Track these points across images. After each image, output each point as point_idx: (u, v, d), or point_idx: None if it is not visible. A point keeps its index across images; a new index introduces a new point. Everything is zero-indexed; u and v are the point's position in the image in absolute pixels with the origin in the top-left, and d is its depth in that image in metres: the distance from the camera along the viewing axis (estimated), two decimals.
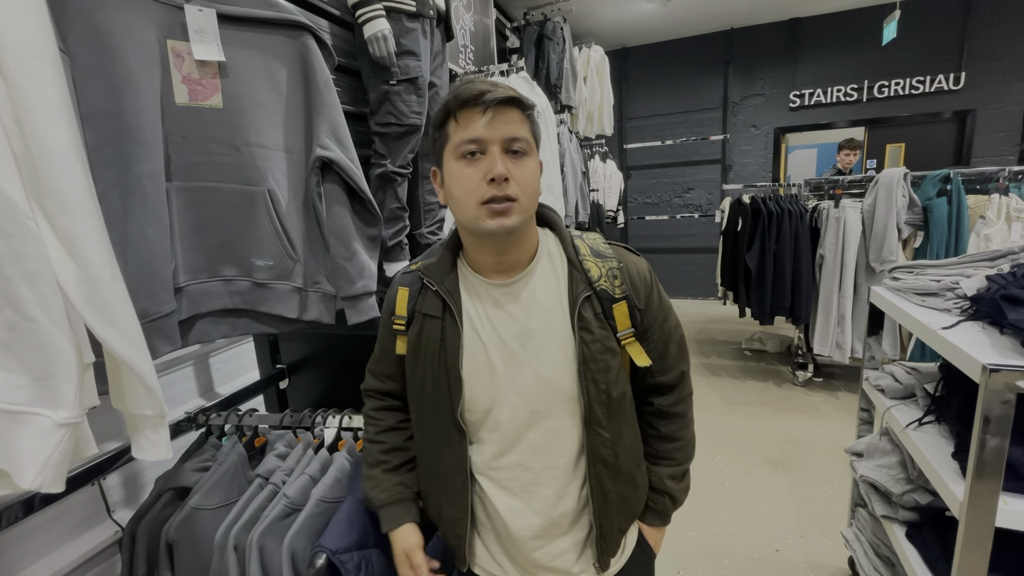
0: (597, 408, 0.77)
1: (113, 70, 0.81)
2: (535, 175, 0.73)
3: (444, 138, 0.73)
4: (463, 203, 0.71)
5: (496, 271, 0.78)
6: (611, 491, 0.80)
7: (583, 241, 0.82)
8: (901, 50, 4.84)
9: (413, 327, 0.81)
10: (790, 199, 3.35)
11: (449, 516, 0.83)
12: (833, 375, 3.62)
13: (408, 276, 0.84)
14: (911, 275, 1.43)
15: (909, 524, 1.33)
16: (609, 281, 0.78)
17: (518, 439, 0.78)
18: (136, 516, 1.01)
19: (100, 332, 0.58)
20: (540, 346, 0.76)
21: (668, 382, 0.87)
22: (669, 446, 0.90)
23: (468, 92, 0.68)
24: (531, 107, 0.73)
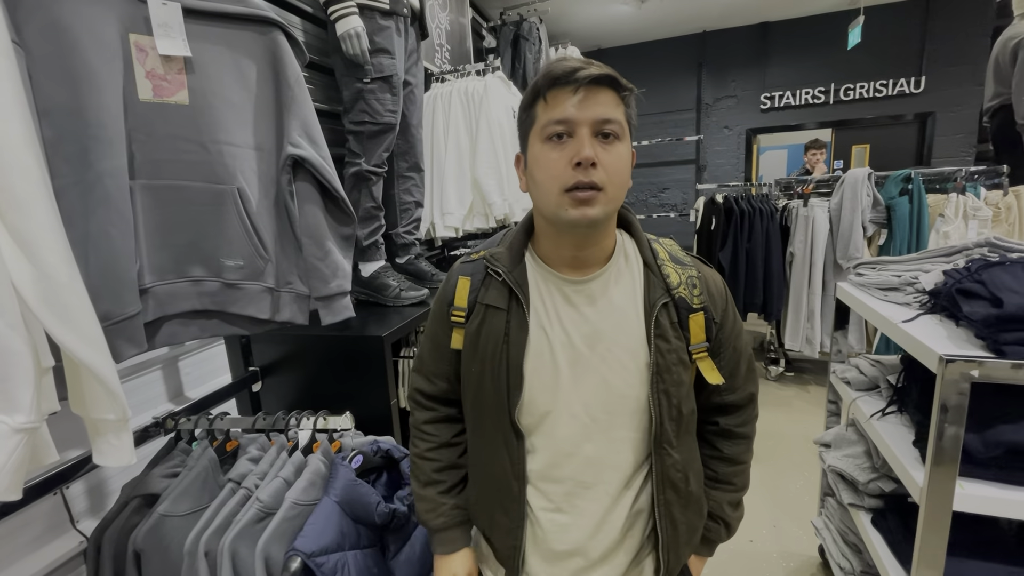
0: (668, 424, 0.71)
1: (72, 64, 0.78)
2: (626, 162, 0.67)
3: (531, 120, 0.68)
4: (545, 189, 0.66)
5: (570, 266, 0.74)
6: (681, 521, 0.74)
7: (661, 245, 0.78)
8: (865, 54, 5.01)
9: (473, 319, 0.75)
10: (761, 198, 3.43)
11: (504, 526, 0.76)
12: (804, 369, 3.72)
13: (470, 265, 0.78)
14: (874, 271, 1.49)
15: (874, 511, 1.38)
16: (688, 290, 0.73)
17: (574, 450, 0.72)
18: (101, 525, 0.97)
19: (57, 334, 0.56)
20: (610, 351, 0.71)
21: (736, 402, 0.82)
22: (731, 469, 0.84)
23: (560, 69, 0.63)
24: (628, 89, 0.67)
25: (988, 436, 0.98)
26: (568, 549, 0.74)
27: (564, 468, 0.73)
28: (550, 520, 0.74)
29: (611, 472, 0.73)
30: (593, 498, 0.73)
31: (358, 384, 1.40)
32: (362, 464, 1.04)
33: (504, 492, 0.75)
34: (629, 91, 0.67)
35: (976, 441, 0.99)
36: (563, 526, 0.74)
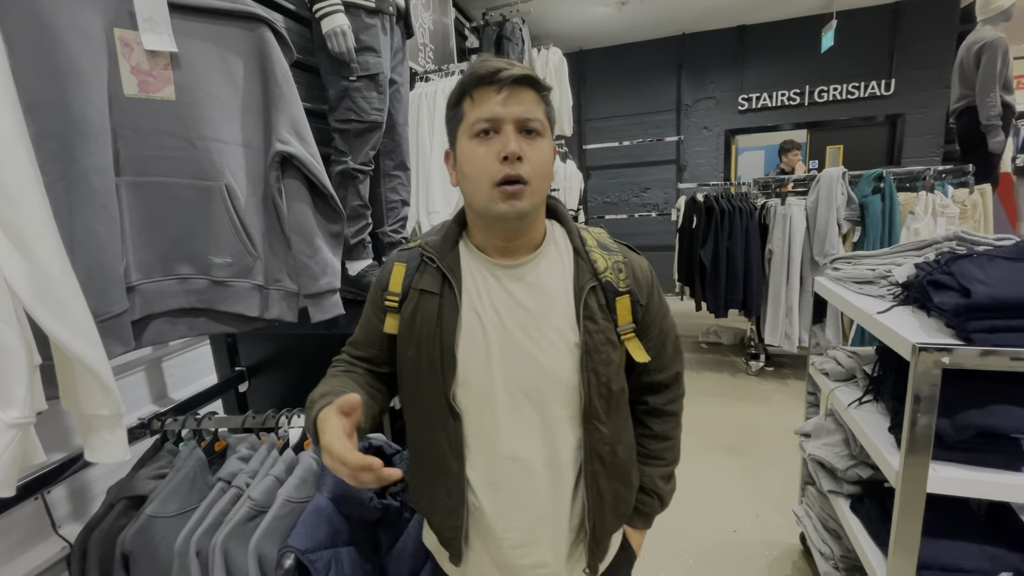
0: (597, 401, 0.75)
1: (55, 59, 0.77)
2: (549, 157, 0.72)
3: (459, 117, 0.71)
4: (476, 183, 0.69)
5: (502, 253, 0.77)
6: (607, 491, 0.78)
7: (589, 233, 0.82)
8: (838, 57, 5.15)
9: (407, 304, 0.77)
10: (740, 197, 3.51)
11: (445, 506, 0.78)
12: (783, 364, 3.81)
13: (406, 252, 0.81)
14: (849, 265, 1.54)
15: (852, 497, 1.43)
16: (614, 274, 0.78)
17: (509, 428, 0.75)
18: (87, 528, 0.96)
19: (51, 329, 0.55)
20: (540, 331, 0.74)
21: (664, 380, 0.87)
22: (661, 445, 0.89)
23: (484, 69, 0.67)
24: (547, 89, 0.72)
25: (958, 420, 1.03)
26: (509, 526, 0.77)
27: (500, 448, 0.75)
28: (490, 500, 0.77)
29: (546, 449, 0.76)
30: (531, 475, 0.76)
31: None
32: None
33: (444, 472, 0.77)
34: (548, 91, 0.72)
35: (947, 425, 1.03)
36: (502, 504, 0.76)
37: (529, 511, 0.76)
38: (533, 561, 0.78)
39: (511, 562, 0.78)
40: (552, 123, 0.74)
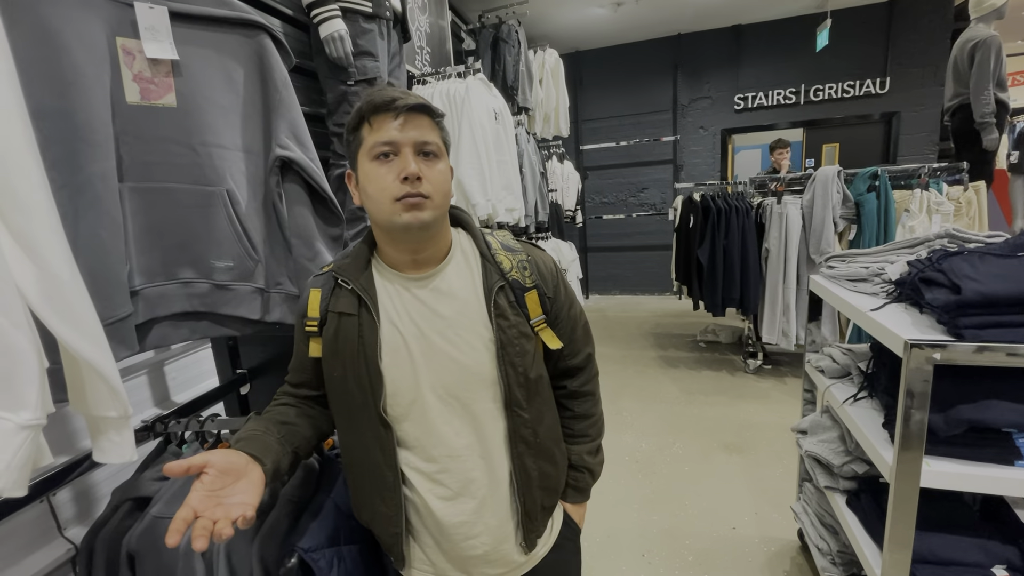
0: (517, 390, 0.81)
1: (60, 68, 0.79)
2: (446, 176, 0.77)
3: (358, 141, 0.75)
4: (378, 200, 0.73)
5: (411, 267, 0.81)
6: (532, 468, 0.84)
7: (494, 238, 0.88)
8: (833, 57, 5.19)
9: (328, 327, 0.81)
10: (737, 196, 3.53)
11: (383, 514, 0.83)
12: (780, 362, 3.83)
13: (320, 278, 0.85)
14: (844, 263, 1.55)
15: (849, 493, 1.44)
16: (520, 272, 0.83)
17: (444, 428, 0.80)
18: (92, 529, 0.97)
19: (60, 332, 0.56)
20: (458, 335, 0.79)
21: (577, 364, 0.93)
22: (583, 424, 0.96)
23: (381, 98, 0.72)
24: (440, 115, 0.78)
25: (951, 415, 1.05)
26: (456, 521, 0.81)
27: (437, 448, 0.80)
28: (436, 498, 0.81)
29: (479, 442, 0.81)
30: (468, 469, 0.81)
31: None
32: None
33: (380, 483, 0.82)
34: (441, 117, 0.79)
35: (940, 420, 1.05)
36: (448, 500, 0.81)
37: (474, 502, 0.82)
38: (484, 550, 0.83)
39: (465, 554, 0.83)
40: (447, 145, 0.80)
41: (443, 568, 0.86)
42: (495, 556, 0.85)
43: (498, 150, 2.50)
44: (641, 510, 2.22)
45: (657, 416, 3.12)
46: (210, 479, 0.63)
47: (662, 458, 2.64)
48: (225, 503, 0.63)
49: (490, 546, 0.83)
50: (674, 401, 3.32)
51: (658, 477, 2.47)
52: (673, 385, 3.57)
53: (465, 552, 0.83)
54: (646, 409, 3.23)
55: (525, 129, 3.48)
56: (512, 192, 2.65)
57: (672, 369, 3.87)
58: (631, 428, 2.98)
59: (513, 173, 2.71)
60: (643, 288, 6.49)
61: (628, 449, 2.74)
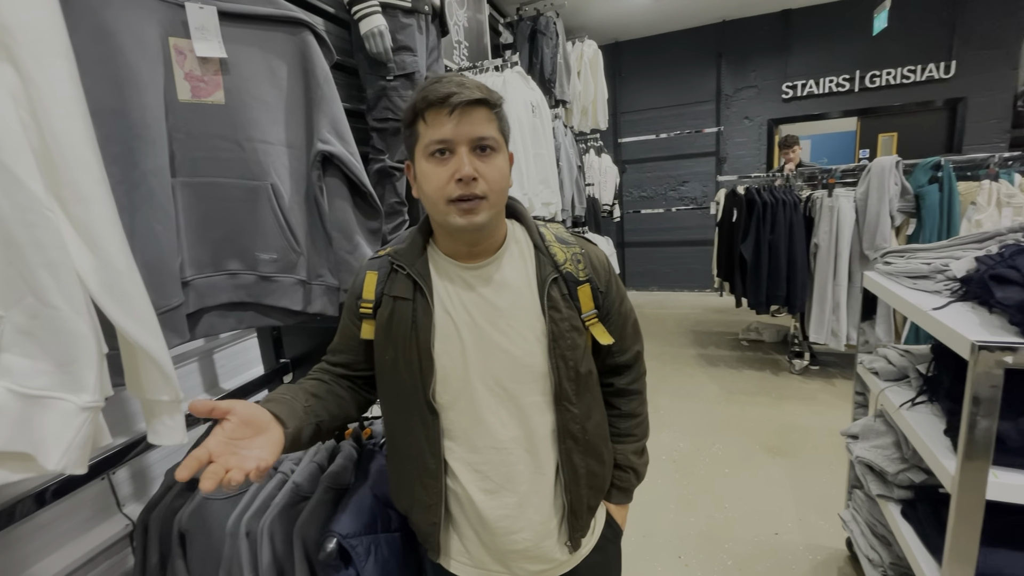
0: (567, 384, 0.80)
1: (116, 68, 0.82)
2: (504, 172, 0.76)
3: (414, 137, 0.75)
4: (433, 200, 0.73)
5: (466, 257, 0.81)
6: (580, 466, 0.83)
7: (547, 229, 0.87)
8: (892, 40, 4.87)
9: (382, 310, 0.81)
10: (784, 189, 3.38)
11: (423, 502, 0.83)
12: (829, 363, 3.66)
13: (376, 261, 0.85)
14: (902, 259, 1.46)
15: (904, 502, 1.36)
16: (573, 265, 0.82)
17: (490, 418, 0.79)
18: (148, 507, 1.02)
19: (118, 319, 0.59)
20: (511, 325, 0.79)
21: (625, 362, 0.93)
22: (630, 423, 0.95)
23: (435, 94, 0.70)
24: (499, 104, 0.75)
25: (1023, 423, 0.97)
26: (500, 514, 0.81)
27: (483, 438, 0.80)
28: (479, 490, 0.81)
29: (525, 435, 0.80)
30: (513, 462, 0.80)
31: None
32: None
33: (422, 470, 0.81)
34: (500, 105, 0.75)
35: (1010, 429, 0.97)
36: (491, 493, 0.81)
37: (517, 496, 0.81)
38: (525, 546, 0.82)
39: (506, 548, 0.82)
40: (507, 136, 0.78)
41: (482, 561, 0.85)
42: (536, 552, 0.83)
43: (535, 143, 2.49)
44: (678, 511, 2.18)
45: (695, 415, 3.04)
46: (231, 426, 0.63)
47: (700, 458, 2.57)
48: (241, 453, 0.62)
49: (532, 542, 0.82)
50: (714, 400, 3.23)
51: (696, 478, 2.41)
52: (713, 384, 3.47)
53: (506, 547, 0.82)
54: (684, 408, 3.15)
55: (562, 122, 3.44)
56: (549, 186, 2.62)
57: (712, 368, 3.77)
58: (668, 427, 2.92)
59: (550, 167, 2.68)
60: (682, 284, 6.33)
61: (665, 448, 2.69)
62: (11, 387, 0.53)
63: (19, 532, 1.03)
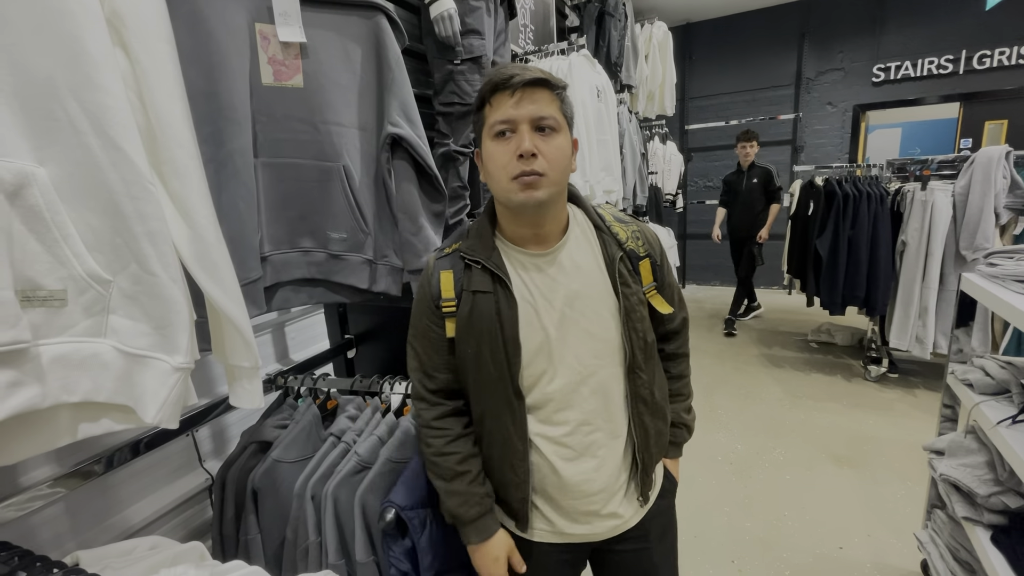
0: (638, 354, 0.85)
1: (208, 52, 0.87)
2: (565, 152, 0.78)
3: (481, 121, 0.80)
4: (496, 178, 0.78)
5: (533, 243, 0.85)
6: (650, 426, 0.89)
7: (603, 210, 0.92)
8: (1009, 15, 4.34)
9: (463, 306, 0.84)
10: (869, 181, 3.12)
11: (513, 482, 0.86)
12: (910, 371, 3.38)
13: (447, 259, 0.87)
14: (1011, 261, 1.31)
15: (995, 528, 1.24)
16: (634, 242, 0.88)
17: (574, 395, 0.84)
18: (225, 464, 1.11)
19: (207, 287, 0.64)
20: (587, 305, 0.83)
21: (675, 328, 0.98)
22: (679, 384, 1.02)
23: (499, 77, 0.75)
24: (561, 87, 0.78)
25: None
26: (578, 480, 0.86)
27: (565, 413, 0.85)
28: (559, 459, 0.85)
29: (605, 406, 0.86)
30: (592, 431, 0.86)
31: None
32: None
33: (511, 452, 0.85)
34: (563, 88, 0.79)
35: None
36: (569, 460, 0.86)
37: (595, 460, 0.86)
38: (601, 505, 0.88)
39: (583, 509, 0.88)
40: (569, 118, 0.80)
41: (561, 525, 0.89)
42: (609, 510, 0.89)
43: (599, 129, 2.43)
44: (733, 514, 2.10)
45: (755, 417, 2.91)
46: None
47: (760, 462, 2.46)
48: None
49: (606, 500, 0.88)
50: (777, 403, 3.07)
51: (754, 482, 2.31)
52: (776, 386, 3.30)
53: (584, 507, 0.88)
54: (743, 409, 3.02)
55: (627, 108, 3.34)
56: (611, 173, 2.56)
57: (776, 369, 3.58)
58: (726, 427, 2.81)
59: (613, 153, 2.62)
60: None
61: (721, 449, 2.59)
62: (117, 346, 0.59)
63: (116, 478, 1.14)
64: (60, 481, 0.98)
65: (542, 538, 0.91)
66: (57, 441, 0.59)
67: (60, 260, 0.55)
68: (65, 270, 0.55)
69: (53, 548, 1.02)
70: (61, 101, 0.53)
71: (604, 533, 0.90)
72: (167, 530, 1.23)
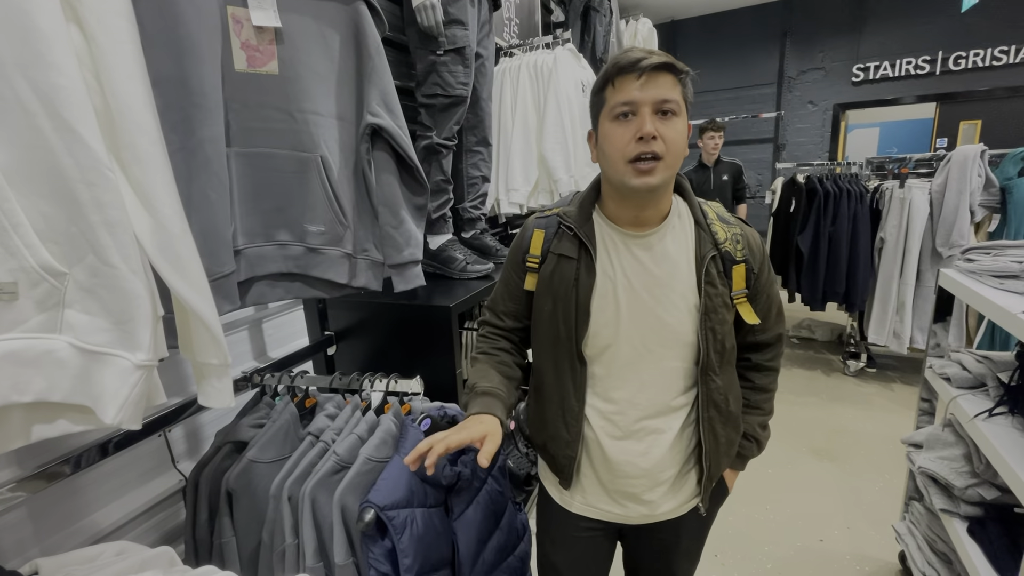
0: (713, 356, 0.84)
1: (177, 36, 0.83)
2: (683, 134, 0.79)
3: (601, 102, 0.80)
4: (612, 159, 0.78)
5: (632, 224, 0.85)
6: (721, 435, 0.88)
7: (709, 207, 0.90)
8: (983, 17, 4.43)
9: (546, 265, 0.88)
10: (849, 179, 3.16)
11: (563, 438, 0.89)
12: (888, 366, 3.44)
13: (544, 220, 0.91)
14: (988, 256, 1.33)
15: (971, 519, 1.26)
16: (732, 245, 0.86)
17: (630, 376, 0.85)
18: (199, 465, 1.07)
19: (171, 281, 0.61)
20: (665, 294, 0.83)
21: (767, 340, 0.96)
22: (761, 397, 0.99)
23: (626, 60, 0.75)
24: (684, 72, 0.78)
25: None
26: (621, 459, 0.87)
27: (621, 391, 0.86)
28: (605, 435, 0.87)
29: (661, 395, 0.86)
30: (642, 417, 0.86)
31: (425, 352, 1.44)
32: (430, 427, 1.07)
33: (566, 409, 0.88)
34: (686, 73, 0.78)
35: None
36: (615, 438, 0.87)
37: (642, 446, 0.87)
38: (639, 490, 0.89)
39: (620, 488, 0.90)
40: (688, 103, 0.80)
41: (598, 499, 0.92)
42: (647, 497, 0.90)
43: (584, 124, 2.41)
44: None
45: None
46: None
47: None
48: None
49: (645, 487, 0.89)
50: None
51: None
52: None
53: (621, 487, 0.90)
54: None
55: None
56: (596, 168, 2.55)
57: None
58: None
59: None
60: None
61: None
62: (73, 342, 0.55)
63: (85, 479, 1.10)
64: (22, 484, 0.93)
65: (578, 510, 0.95)
66: (9, 444, 0.55)
67: (9, 251, 0.51)
68: (15, 261, 0.52)
69: (15, 555, 0.97)
70: (8, 80, 0.49)
71: (637, 518, 0.92)
72: (138, 534, 1.19)
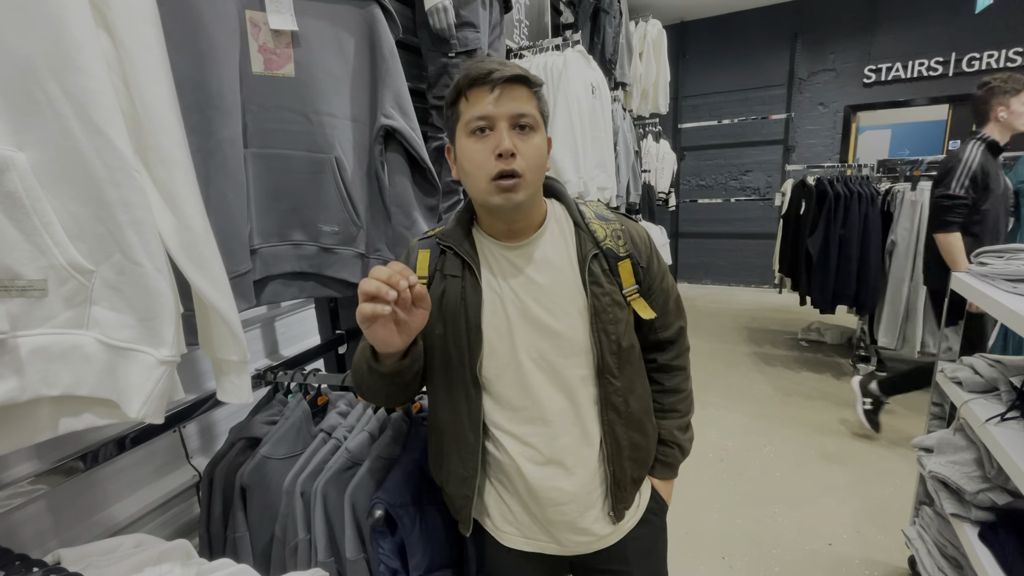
0: (609, 358, 0.82)
1: (197, 39, 0.85)
2: (541, 151, 0.77)
3: (456, 116, 0.76)
4: (474, 178, 0.75)
5: (507, 236, 0.83)
6: (623, 437, 0.85)
7: (587, 207, 0.89)
8: (999, 18, 4.39)
9: (435, 287, 0.84)
10: (860, 181, 3.14)
11: (459, 475, 0.86)
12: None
13: (427, 241, 0.88)
14: (1000, 260, 1.32)
15: (983, 524, 1.25)
16: (614, 241, 0.84)
17: (538, 392, 0.82)
18: (213, 461, 1.09)
19: (194, 279, 0.62)
20: (554, 302, 0.81)
21: (668, 337, 0.93)
22: (674, 399, 0.96)
23: (478, 71, 0.72)
24: (539, 84, 0.77)
25: None
26: (546, 485, 0.83)
27: (530, 411, 0.82)
28: (525, 460, 0.83)
29: (572, 408, 0.83)
30: (559, 434, 0.82)
31: None
32: None
33: (461, 443, 0.85)
34: (539, 86, 0.77)
35: None
36: (537, 463, 0.83)
37: (564, 468, 0.83)
38: (571, 516, 0.84)
39: (552, 519, 0.84)
40: (545, 116, 0.79)
41: (530, 530, 0.87)
42: (582, 524, 0.85)
43: (593, 126, 2.42)
44: (724, 511, 2.11)
45: (747, 415, 2.92)
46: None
47: (750, 459, 2.47)
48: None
49: (577, 513, 0.84)
50: (767, 401, 3.09)
51: (744, 479, 2.32)
52: (767, 384, 3.32)
53: (553, 516, 0.84)
54: (735, 406, 3.03)
55: (621, 105, 3.34)
56: (605, 170, 2.56)
57: (767, 367, 3.60)
58: (717, 425, 2.82)
59: (607, 150, 2.61)
60: (738, 279, 6.06)
61: (713, 446, 2.60)
62: (100, 338, 0.57)
63: (101, 474, 1.12)
64: (42, 477, 0.96)
65: (511, 543, 0.89)
66: (37, 436, 0.57)
67: (40, 249, 0.53)
68: (45, 259, 0.53)
69: (35, 546, 0.99)
70: (42, 84, 0.51)
71: (575, 549, 0.87)
72: (153, 528, 1.21)
